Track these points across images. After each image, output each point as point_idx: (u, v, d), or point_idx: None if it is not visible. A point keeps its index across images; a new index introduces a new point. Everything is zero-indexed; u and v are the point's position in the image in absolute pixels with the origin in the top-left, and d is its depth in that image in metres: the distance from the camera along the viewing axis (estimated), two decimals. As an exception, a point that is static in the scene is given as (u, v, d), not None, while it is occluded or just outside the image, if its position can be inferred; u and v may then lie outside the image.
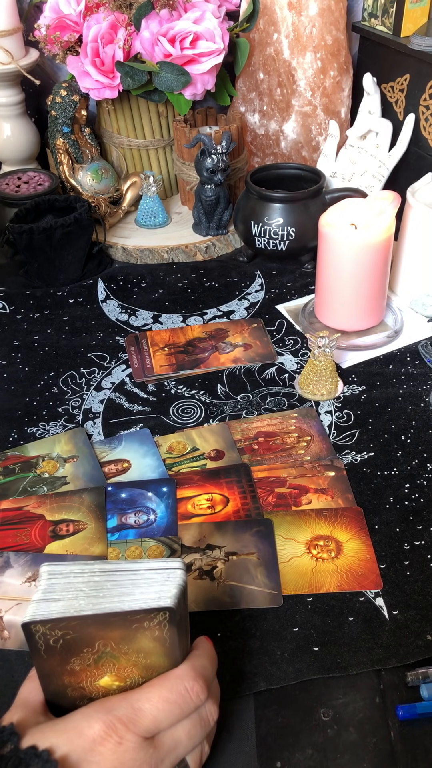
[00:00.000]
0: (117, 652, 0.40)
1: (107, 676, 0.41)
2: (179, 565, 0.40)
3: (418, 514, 0.63)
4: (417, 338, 0.85)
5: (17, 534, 0.62)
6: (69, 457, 0.70)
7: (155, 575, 0.40)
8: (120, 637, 0.39)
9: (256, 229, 0.94)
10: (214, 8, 0.96)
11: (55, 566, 0.40)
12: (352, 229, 0.78)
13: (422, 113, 1.00)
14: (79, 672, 0.41)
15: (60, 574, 0.40)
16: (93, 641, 0.39)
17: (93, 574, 0.40)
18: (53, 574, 0.40)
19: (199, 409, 0.75)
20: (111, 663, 0.41)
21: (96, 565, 0.40)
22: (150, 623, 0.39)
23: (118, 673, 0.41)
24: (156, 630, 0.39)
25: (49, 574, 0.40)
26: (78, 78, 0.98)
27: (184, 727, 0.41)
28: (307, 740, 0.48)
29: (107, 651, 0.40)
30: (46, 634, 0.38)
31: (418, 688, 0.50)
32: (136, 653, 0.40)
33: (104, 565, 0.40)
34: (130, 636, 0.39)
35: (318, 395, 0.75)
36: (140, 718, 0.39)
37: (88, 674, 0.41)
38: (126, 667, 0.41)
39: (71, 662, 0.40)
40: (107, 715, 0.39)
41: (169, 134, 1.08)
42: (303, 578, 0.58)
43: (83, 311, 0.91)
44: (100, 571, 0.40)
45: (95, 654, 0.40)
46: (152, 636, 0.39)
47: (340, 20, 1.05)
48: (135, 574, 0.40)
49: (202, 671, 0.42)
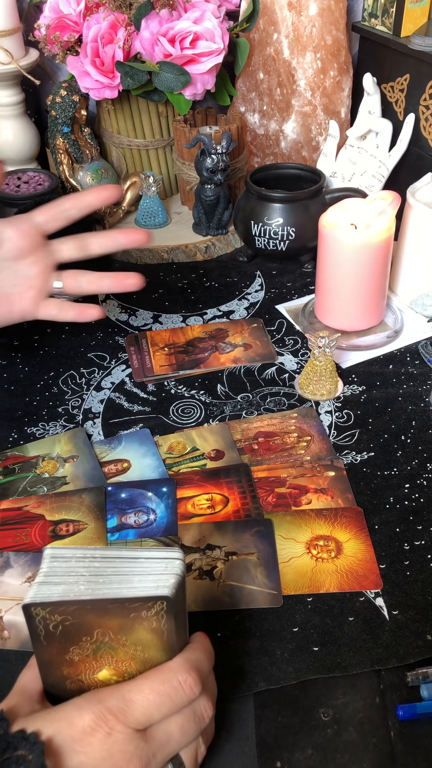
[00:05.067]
0: (115, 643, 0.40)
1: (105, 669, 0.41)
2: (178, 555, 0.41)
3: (418, 514, 0.63)
4: (417, 338, 0.85)
5: (17, 534, 0.62)
6: (69, 457, 0.70)
7: (154, 564, 0.40)
8: (118, 627, 0.40)
9: (256, 229, 0.94)
10: (214, 8, 0.96)
11: (58, 549, 0.41)
12: (352, 229, 0.78)
13: (422, 113, 1.00)
14: (77, 663, 0.41)
15: (62, 558, 0.41)
16: (92, 629, 0.40)
17: (94, 559, 0.40)
18: (56, 557, 0.41)
19: (199, 409, 0.75)
20: (109, 655, 0.41)
21: (97, 550, 0.41)
22: (147, 613, 0.39)
23: (116, 667, 0.41)
24: (153, 621, 0.39)
25: (51, 557, 0.41)
26: (78, 78, 0.98)
27: (177, 722, 0.41)
28: (307, 740, 0.48)
29: (105, 641, 0.40)
30: (45, 618, 0.39)
31: (418, 688, 0.50)
32: (134, 645, 0.40)
33: (105, 551, 0.41)
34: (128, 626, 0.40)
35: (318, 395, 0.75)
36: (131, 709, 0.39)
37: (87, 666, 0.41)
38: (124, 660, 0.41)
39: (70, 651, 0.40)
40: (98, 705, 0.39)
41: (169, 134, 1.08)
42: (303, 578, 0.58)
43: (83, 311, 0.91)
44: (102, 557, 0.41)
45: (94, 644, 0.40)
46: (150, 627, 0.40)
47: (340, 20, 1.05)
48: (134, 562, 0.40)
49: (197, 664, 0.42)
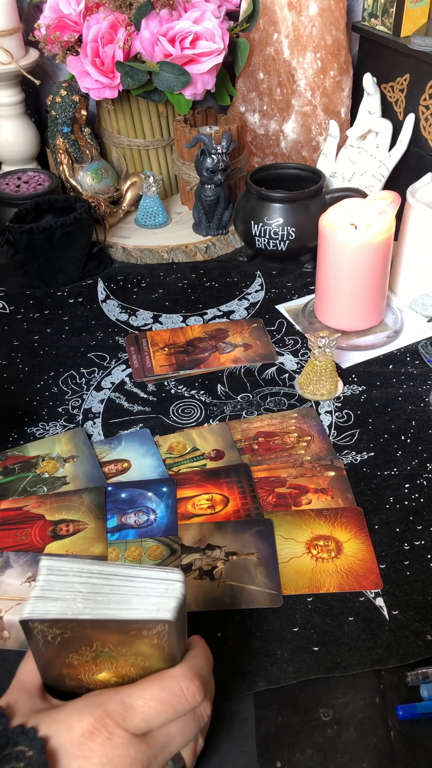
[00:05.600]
0: (115, 653, 0.40)
1: (105, 672, 0.41)
2: (179, 577, 0.40)
3: (418, 514, 0.63)
4: (417, 338, 0.85)
5: (17, 534, 0.62)
6: (69, 457, 0.70)
7: (154, 585, 0.39)
8: (118, 641, 0.39)
9: (256, 229, 0.94)
10: (214, 8, 0.96)
11: (55, 561, 0.40)
12: (352, 229, 0.78)
13: (422, 113, 1.00)
14: (77, 666, 0.41)
15: (59, 571, 0.39)
16: (91, 641, 0.39)
17: (92, 575, 0.39)
18: (52, 570, 0.39)
19: (199, 409, 0.75)
20: (109, 662, 0.41)
21: (95, 566, 0.40)
22: (149, 632, 0.38)
23: (116, 671, 0.41)
24: (155, 638, 0.39)
25: (48, 569, 0.39)
26: (78, 78, 0.98)
27: (178, 724, 0.41)
28: (307, 740, 0.48)
29: (105, 651, 0.40)
30: (44, 631, 0.38)
31: (418, 688, 0.50)
32: (135, 656, 0.40)
33: (103, 567, 0.40)
34: (129, 641, 0.39)
35: (318, 395, 0.75)
36: (131, 715, 0.39)
37: (86, 669, 0.41)
38: (124, 666, 0.41)
39: (69, 657, 0.40)
40: (98, 709, 0.39)
41: (169, 134, 1.08)
42: (303, 578, 0.57)
43: (83, 311, 0.91)
44: (99, 573, 0.39)
45: (93, 652, 0.40)
46: (151, 643, 0.39)
47: (340, 20, 1.05)
48: (133, 581, 0.39)
49: (199, 671, 0.42)
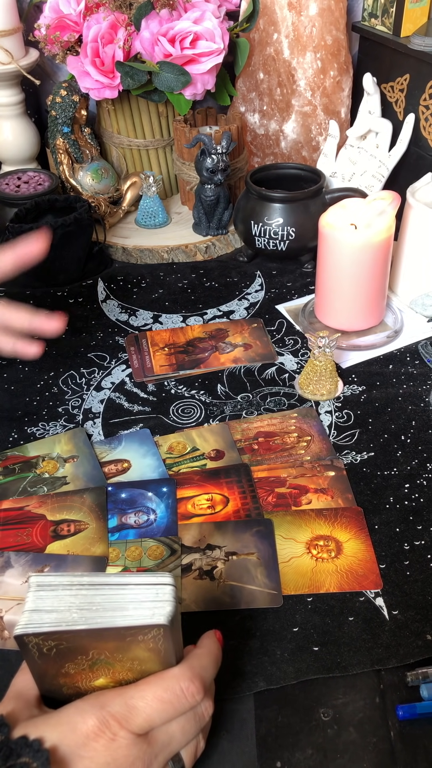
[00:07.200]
0: (112, 659, 0.40)
1: (102, 678, 0.41)
2: (168, 580, 0.40)
3: (418, 514, 0.63)
4: (417, 338, 0.85)
5: (18, 534, 0.62)
6: (69, 457, 0.70)
7: (145, 591, 0.39)
8: (114, 648, 0.39)
9: (256, 229, 0.94)
10: (214, 8, 0.96)
11: (44, 577, 0.40)
12: (352, 229, 0.78)
13: (422, 113, 1.00)
14: (74, 674, 0.41)
15: (48, 587, 0.39)
16: (87, 650, 0.39)
17: (81, 587, 0.39)
18: (42, 586, 0.39)
19: (199, 409, 0.75)
20: (106, 668, 0.40)
21: (84, 577, 0.40)
22: (144, 637, 0.38)
23: (113, 677, 0.41)
24: (150, 642, 0.39)
25: (37, 585, 0.39)
26: (78, 78, 0.98)
27: (179, 723, 0.41)
28: (307, 740, 0.48)
29: (102, 658, 0.40)
30: (39, 644, 0.38)
31: (418, 688, 0.50)
32: (131, 661, 0.40)
33: (92, 578, 0.40)
34: (125, 647, 0.39)
35: (318, 395, 0.75)
36: (134, 715, 0.39)
37: (83, 676, 0.41)
38: (121, 672, 0.41)
39: (66, 666, 0.40)
40: (101, 710, 0.39)
41: (169, 134, 1.08)
42: (303, 578, 0.58)
43: (83, 311, 0.91)
44: (89, 584, 0.39)
45: (89, 660, 0.40)
46: (147, 647, 0.39)
47: (340, 20, 1.05)
48: (124, 588, 0.39)
49: (200, 671, 0.42)
